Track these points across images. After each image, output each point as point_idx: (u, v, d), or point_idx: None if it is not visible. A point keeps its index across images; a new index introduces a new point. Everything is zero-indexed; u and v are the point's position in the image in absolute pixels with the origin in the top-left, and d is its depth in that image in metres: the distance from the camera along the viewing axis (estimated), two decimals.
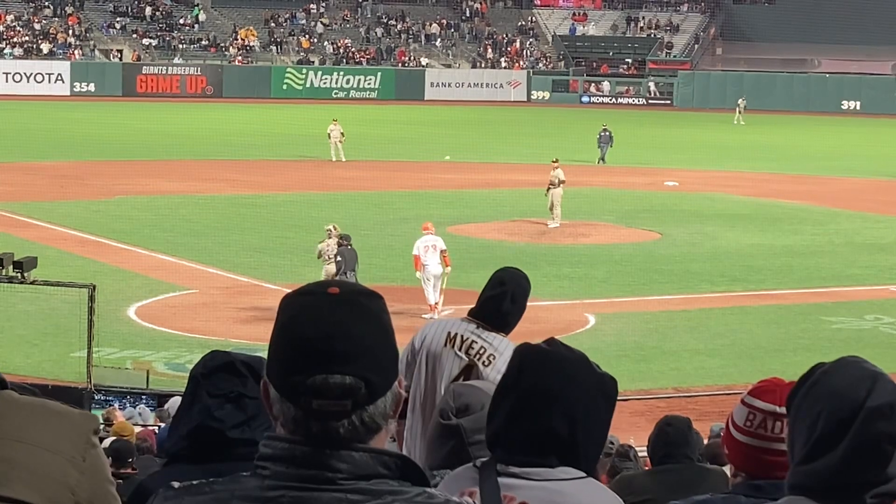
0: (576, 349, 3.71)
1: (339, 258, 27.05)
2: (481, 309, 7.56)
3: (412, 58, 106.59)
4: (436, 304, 27.35)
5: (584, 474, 3.62)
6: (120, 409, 19.33)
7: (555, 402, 3.58)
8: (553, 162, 40.59)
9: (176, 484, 2.90)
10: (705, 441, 12.17)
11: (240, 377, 4.32)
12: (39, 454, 3.28)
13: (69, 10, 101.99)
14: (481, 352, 7.49)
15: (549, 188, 40.04)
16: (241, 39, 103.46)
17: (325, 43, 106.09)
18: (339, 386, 2.74)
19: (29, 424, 3.32)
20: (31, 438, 3.30)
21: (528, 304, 7.52)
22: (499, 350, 7.47)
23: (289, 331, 2.80)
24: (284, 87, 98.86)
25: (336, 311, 2.79)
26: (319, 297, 2.81)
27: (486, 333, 7.50)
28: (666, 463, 7.89)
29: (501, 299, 7.47)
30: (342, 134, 57.44)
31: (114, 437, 13.33)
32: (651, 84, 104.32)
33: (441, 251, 27.88)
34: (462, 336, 7.53)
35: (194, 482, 2.88)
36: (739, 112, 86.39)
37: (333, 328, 2.76)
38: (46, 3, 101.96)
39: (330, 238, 27.60)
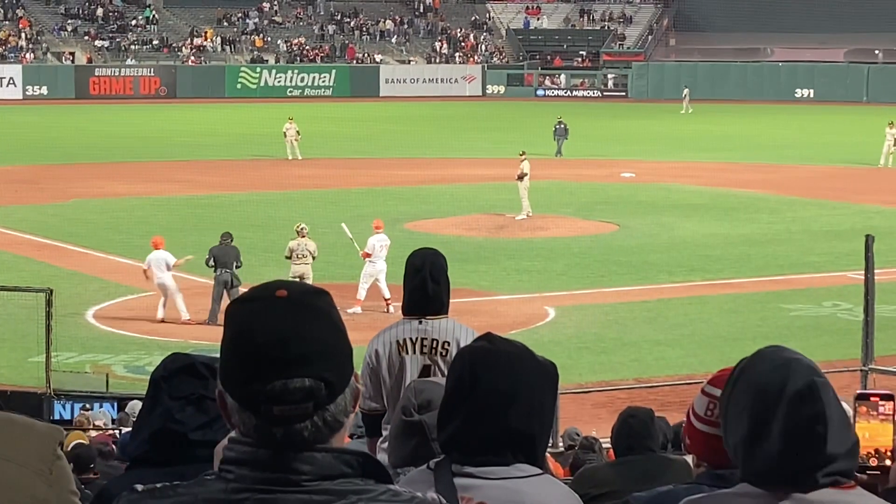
0: (516, 341, 3.71)
1: (215, 258, 27.27)
2: (409, 301, 7.50)
3: (366, 54, 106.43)
4: (388, 298, 27.31)
5: (540, 471, 3.62)
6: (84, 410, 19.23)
7: (512, 402, 3.58)
8: (520, 155, 40.94)
9: (139, 487, 2.87)
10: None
11: (201, 379, 4.30)
12: (7, 467, 3.26)
13: (20, 12, 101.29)
14: (434, 345, 7.44)
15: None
16: (203, 40, 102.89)
17: (279, 41, 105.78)
18: (300, 390, 2.73)
19: None
20: None
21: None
22: (449, 334, 7.42)
23: (242, 339, 2.76)
24: (239, 86, 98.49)
25: (287, 314, 2.76)
26: (268, 302, 2.78)
27: (427, 324, 7.45)
28: (629, 454, 7.91)
29: (423, 285, 7.41)
30: (298, 132, 57.33)
31: (73, 443, 13.23)
32: (611, 76, 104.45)
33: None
34: (410, 339, 7.47)
35: (157, 485, 2.86)
36: (686, 102, 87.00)
37: (287, 332, 2.74)
38: None
39: (300, 237, 27.73)
